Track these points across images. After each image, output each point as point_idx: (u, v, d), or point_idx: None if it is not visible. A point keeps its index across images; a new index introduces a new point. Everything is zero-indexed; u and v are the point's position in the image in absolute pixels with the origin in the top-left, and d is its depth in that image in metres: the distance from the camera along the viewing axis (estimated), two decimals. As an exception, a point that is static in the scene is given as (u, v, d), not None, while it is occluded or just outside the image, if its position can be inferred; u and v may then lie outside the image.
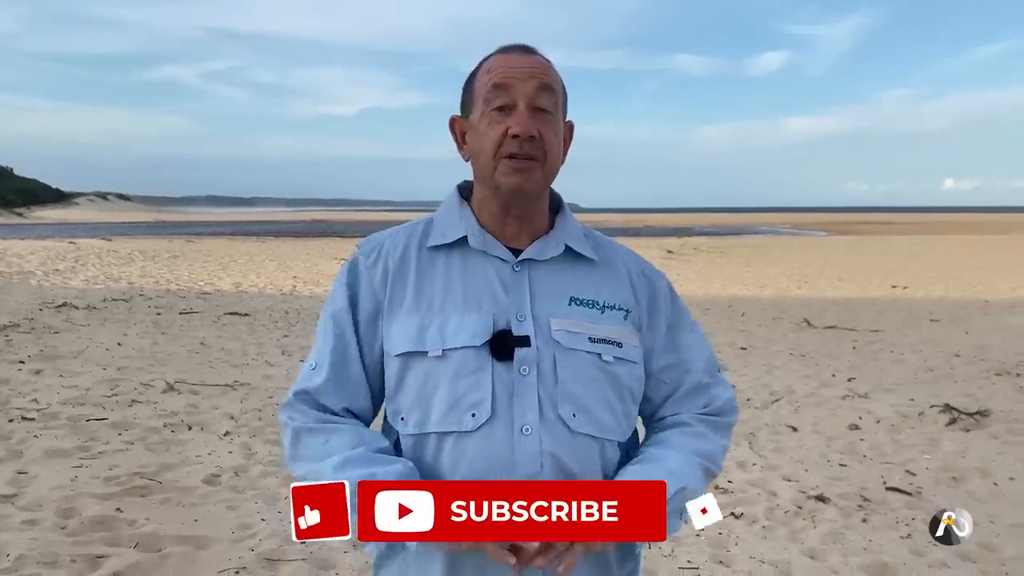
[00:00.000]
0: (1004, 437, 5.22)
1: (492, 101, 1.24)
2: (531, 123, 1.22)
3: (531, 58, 1.27)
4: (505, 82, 1.24)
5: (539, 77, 1.25)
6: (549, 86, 1.25)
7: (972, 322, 10.63)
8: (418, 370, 1.23)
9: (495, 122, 1.24)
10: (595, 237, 1.39)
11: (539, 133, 1.23)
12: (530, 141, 1.22)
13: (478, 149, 1.27)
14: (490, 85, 1.24)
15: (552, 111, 1.26)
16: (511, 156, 1.23)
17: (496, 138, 1.23)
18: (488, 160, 1.25)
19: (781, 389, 6.65)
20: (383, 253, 1.31)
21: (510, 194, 1.26)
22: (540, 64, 1.27)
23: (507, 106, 1.23)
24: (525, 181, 1.24)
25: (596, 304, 1.29)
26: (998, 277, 17.38)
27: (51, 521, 3.63)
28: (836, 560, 3.47)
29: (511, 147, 1.22)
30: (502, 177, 1.24)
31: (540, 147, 1.23)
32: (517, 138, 1.22)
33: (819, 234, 49.09)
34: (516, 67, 1.25)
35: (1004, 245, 31.24)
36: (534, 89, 1.24)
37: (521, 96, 1.23)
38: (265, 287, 14.91)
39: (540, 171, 1.25)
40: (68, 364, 7.03)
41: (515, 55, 1.27)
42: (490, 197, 1.29)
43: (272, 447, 4.87)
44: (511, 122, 1.22)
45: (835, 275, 18.50)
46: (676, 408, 1.36)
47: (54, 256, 19.63)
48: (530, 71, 1.25)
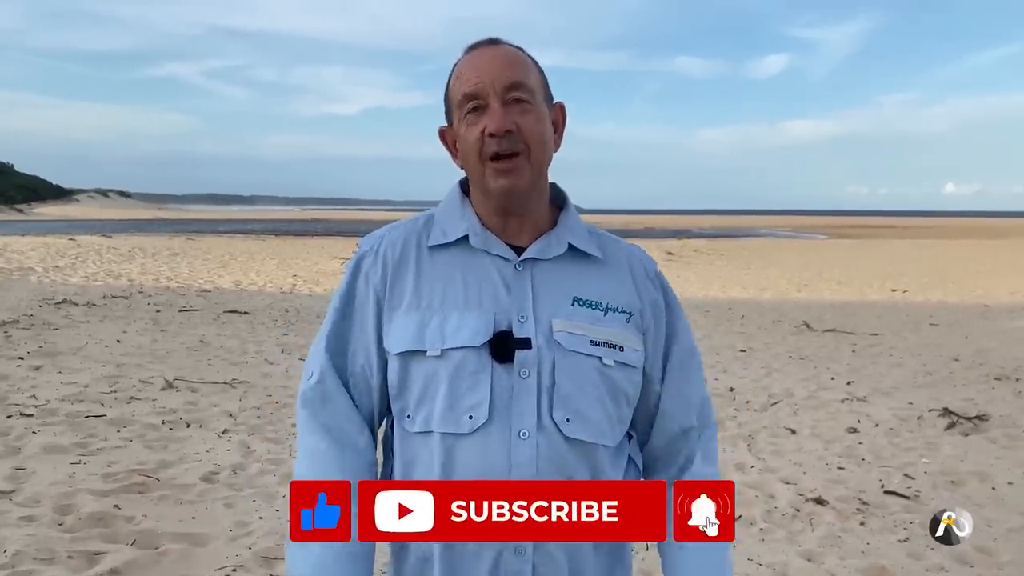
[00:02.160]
0: (1002, 442, 5.23)
1: (465, 105, 1.23)
2: (505, 118, 1.20)
3: (497, 50, 1.25)
4: (474, 84, 1.22)
5: (506, 70, 1.22)
6: (519, 76, 1.23)
7: (971, 326, 10.63)
8: (419, 369, 1.23)
9: (472, 124, 1.22)
10: (600, 235, 1.36)
11: (516, 125, 1.21)
12: (508, 136, 1.20)
13: (464, 155, 1.26)
14: (461, 91, 1.23)
15: (528, 99, 1.23)
16: (493, 157, 1.21)
17: (475, 140, 1.22)
18: (475, 164, 1.24)
19: (780, 392, 6.65)
20: (383, 250, 1.30)
21: (502, 197, 1.25)
22: (507, 54, 1.25)
23: (480, 106, 1.22)
24: (513, 182, 1.22)
25: (599, 305, 1.27)
26: (998, 282, 17.38)
27: (49, 517, 3.63)
28: (834, 563, 3.47)
29: (491, 147, 1.21)
30: (491, 181, 1.23)
31: (520, 139, 1.21)
32: (494, 136, 1.20)
33: (819, 237, 49.10)
34: (484, 64, 1.23)
35: (1004, 250, 31.25)
36: (503, 83, 1.21)
37: (491, 93, 1.21)
38: (265, 285, 14.90)
39: (527, 164, 1.23)
40: (67, 361, 7.03)
41: (481, 51, 1.25)
42: (485, 199, 1.28)
43: (270, 445, 4.87)
44: (485, 121, 1.21)
45: (835, 278, 18.51)
46: (664, 442, 1.36)
47: (54, 253, 19.63)
48: (498, 65, 1.22)
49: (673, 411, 1.34)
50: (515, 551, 1.20)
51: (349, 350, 1.30)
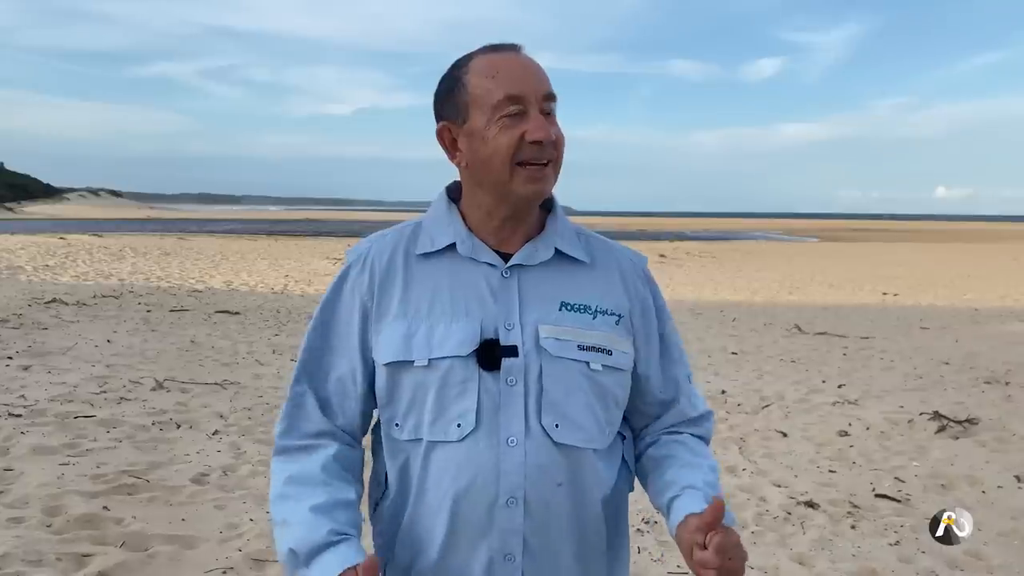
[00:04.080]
0: (992, 445, 5.25)
1: (505, 107, 1.20)
2: (549, 128, 1.21)
3: (528, 58, 1.25)
4: (519, 87, 1.21)
5: (544, 80, 1.23)
6: (551, 89, 1.24)
7: (962, 330, 10.68)
8: (408, 379, 1.22)
9: (508, 128, 1.20)
10: (589, 237, 1.36)
11: (552, 136, 1.22)
12: (549, 145, 1.21)
13: (486, 156, 1.22)
14: (503, 91, 1.20)
15: (554, 112, 1.25)
16: (525, 163, 1.21)
17: (511, 143, 1.20)
18: (503, 167, 1.21)
19: (771, 395, 6.66)
20: (370, 259, 1.29)
21: (524, 202, 1.24)
22: (538, 65, 1.26)
23: (521, 112, 1.20)
24: (543, 188, 1.23)
25: (588, 309, 1.27)
26: (988, 285, 17.48)
27: (37, 519, 3.60)
28: (825, 566, 3.48)
29: (528, 153, 1.20)
30: (520, 186, 1.22)
31: (554, 150, 1.23)
32: (537, 144, 1.20)
33: (811, 240, 49.28)
34: (522, 70, 1.22)
35: (994, 254, 31.43)
36: (543, 93, 1.22)
37: (533, 100, 1.21)
38: (256, 286, 14.87)
39: (552, 174, 1.24)
40: (57, 361, 6.98)
41: (511, 56, 1.24)
42: (496, 203, 1.26)
43: (261, 446, 4.85)
44: (529, 127, 1.19)
45: (826, 281, 18.58)
46: (670, 424, 1.38)
47: (44, 252, 19.53)
48: (537, 74, 1.23)
49: (679, 406, 1.37)
50: (504, 557, 1.21)
51: (331, 360, 1.29)
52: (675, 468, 1.29)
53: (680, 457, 1.31)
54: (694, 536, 1.11)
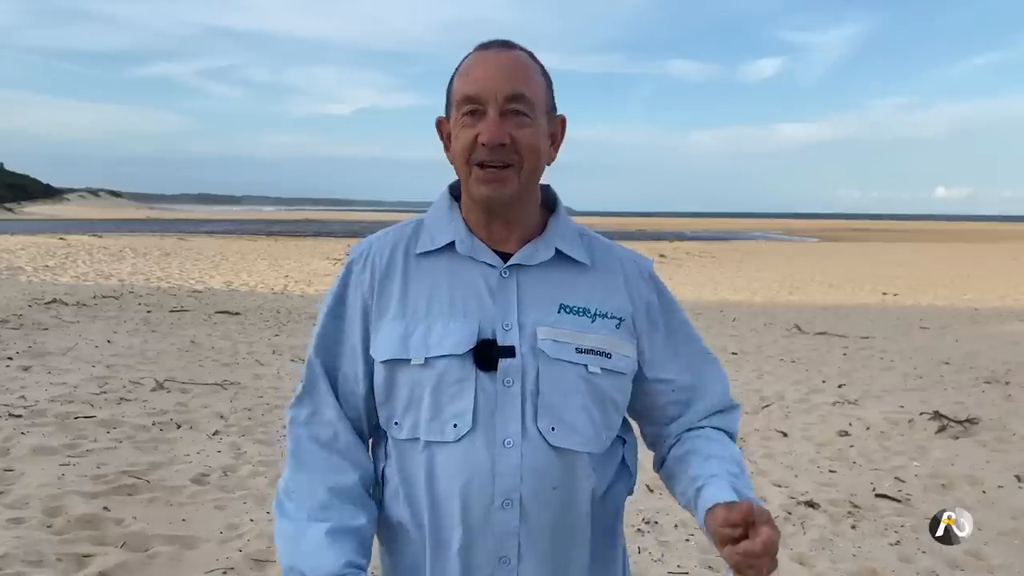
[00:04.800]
0: (992, 445, 5.25)
1: (463, 106, 1.20)
2: (500, 130, 1.18)
3: (507, 55, 1.22)
4: (476, 87, 1.19)
5: (511, 79, 1.20)
6: (521, 88, 1.20)
7: (962, 330, 10.68)
8: (405, 378, 1.22)
9: (466, 127, 1.20)
10: (592, 239, 1.34)
11: (511, 137, 1.18)
12: (500, 148, 1.18)
13: (453, 154, 1.24)
14: (462, 90, 1.21)
15: (527, 112, 1.20)
16: (481, 164, 1.19)
17: (466, 144, 1.20)
18: (462, 166, 1.22)
19: (772, 395, 6.66)
20: (371, 257, 1.29)
21: (484, 203, 1.23)
22: (516, 62, 1.22)
23: (478, 111, 1.19)
24: (496, 191, 1.20)
25: (587, 312, 1.25)
26: (987, 285, 17.49)
27: (37, 519, 3.60)
28: (825, 566, 3.48)
29: (481, 155, 1.19)
30: (474, 186, 1.21)
31: (514, 151, 1.19)
32: (485, 146, 1.18)
33: (811, 240, 49.28)
34: (490, 68, 1.20)
35: (994, 253, 31.43)
36: (505, 93, 1.19)
37: (491, 100, 1.18)
38: (256, 286, 14.87)
39: (516, 177, 1.20)
40: (57, 361, 6.98)
41: (490, 53, 1.22)
42: (471, 203, 1.27)
43: (261, 447, 4.85)
44: (480, 128, 1.18)
45: (826, 281, 18.58)
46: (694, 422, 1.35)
47: (44, 252, 19.53)
48: (505, 73, 1.20)
49: (698, 404, 1.35)
50: (499, 560, 1.20)
51: (339, 351, 1.29)
52: (698, 461, 1.26)
53: (701, 450, 1.28)
54: (724, 531, 1.08)
